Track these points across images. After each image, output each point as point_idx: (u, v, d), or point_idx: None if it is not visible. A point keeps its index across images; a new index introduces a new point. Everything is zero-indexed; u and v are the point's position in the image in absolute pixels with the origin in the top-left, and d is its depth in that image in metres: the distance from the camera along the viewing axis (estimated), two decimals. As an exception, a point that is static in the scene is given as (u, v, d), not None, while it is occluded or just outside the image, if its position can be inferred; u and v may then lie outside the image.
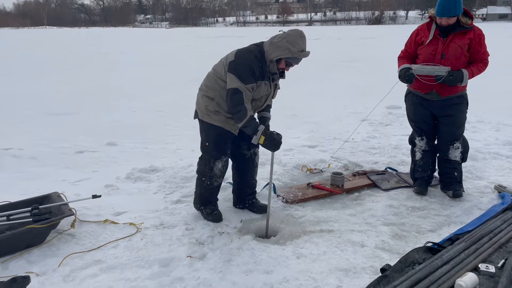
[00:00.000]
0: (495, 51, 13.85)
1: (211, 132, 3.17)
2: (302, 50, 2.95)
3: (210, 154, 3.22)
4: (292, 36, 2.94)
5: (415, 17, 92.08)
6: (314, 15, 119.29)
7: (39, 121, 6.96)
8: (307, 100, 8.70)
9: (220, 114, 3.11)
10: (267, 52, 2.99)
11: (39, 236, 2.87)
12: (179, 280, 2.51)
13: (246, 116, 2.92)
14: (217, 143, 3.20)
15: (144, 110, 7.86)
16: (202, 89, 3.21)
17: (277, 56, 2.95)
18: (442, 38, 3.45)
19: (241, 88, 2.90)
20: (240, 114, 2.92)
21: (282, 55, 2.94)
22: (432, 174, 3.90)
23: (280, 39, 2.95)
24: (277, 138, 2.98)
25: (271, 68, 3.04)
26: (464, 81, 3.39)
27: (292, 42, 2.92)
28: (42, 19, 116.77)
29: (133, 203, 3.60)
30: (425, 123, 3.75)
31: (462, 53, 3.41)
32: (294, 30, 2.98)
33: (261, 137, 2.95)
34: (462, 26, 3.40)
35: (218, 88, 3.08)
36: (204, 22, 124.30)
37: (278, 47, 2.93)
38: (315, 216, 3.38)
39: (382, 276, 2.31)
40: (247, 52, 3.01)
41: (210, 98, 3.12)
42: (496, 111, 7.11)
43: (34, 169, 4.63)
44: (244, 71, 2.92)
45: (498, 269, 2.40)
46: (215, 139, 3.18)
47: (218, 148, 3.21)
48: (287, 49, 2.91)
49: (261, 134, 2.95)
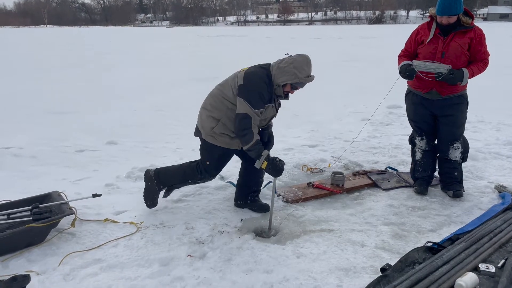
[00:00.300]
0: (496, 51, 13.85)
1: (214, 153, 3.24)
2: (308, 75, 3.05)
3: (209, 172, 3.30)
4: (299, 62, 3.03)
5: (416, 16, 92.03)
6: (314, 15, 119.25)
7: (39, 119, 6.96)
8: (308, 100, 8.68)
9: (225, 136, 3.17)
10: (275, 76, 3.07)
11: (39, 235, 2.87)
12: (179, 279, 2.52)
13: (252, 141, 3.00)
14: (218, 163, 3.29)
15: (145, 109, 7.86)
16: (207, 109, 3.23)
17: (284, 81, 3.05)
18: (442, 37, 3.44)
19: (250, 113, 2.98)
20: (247, 137, 3.00)
21: (289, 80, 3.03)
22: (432, 174, 3.89)
23: (287, 64, 3.03)
24: (279, 164, 3.03)
25: (277, 91, 3.13)
26: (464, 80, 3.38)
27: (298, 67, 3.01)
28: (43, 18, 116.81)
29: (134, 202, 3.60)
30: (425, 123, 3.75)
31: (462, 52, 3.40)
32: (301, 56, 3.07)
33: (264, 162, 3.01)
34: (463, 25, 3.39)
35: (224, 109, 3.13)
36: (204, 21, 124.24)
37: (286, 72, 3.02)
38: (315, 216, 3.38)
39: (382, 275, 2.31)
40: (256, 77, 3.07)
41: (215, 119, 3.16)
42: (497, 111, 7.10)
43: (35, 168, 4.63)
44: (254, 97, 3.00)
45: (498, 269, 2.40)
46: (217, 159, 3.26)
47: (218, 167, 3.32)
48: (294, 75, 3.01)
49: (264, 159, 3.00)
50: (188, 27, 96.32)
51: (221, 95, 3.17)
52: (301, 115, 7.29)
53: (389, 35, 34.39)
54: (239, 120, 3.00)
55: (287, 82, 3.05)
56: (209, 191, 3.85)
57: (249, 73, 3.09)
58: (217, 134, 3.17)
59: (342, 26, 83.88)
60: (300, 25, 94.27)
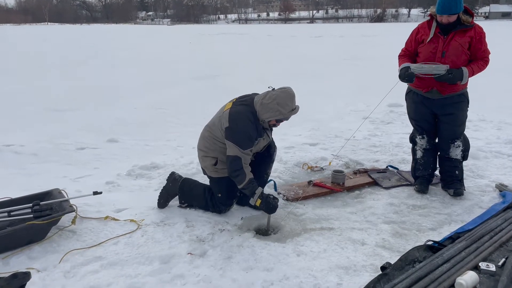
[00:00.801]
0: (498, 50, 13.83)
1: (222, 183, 3.31)
2: (292, 109, 3.09)
3: (224, 203, 3.36)
4: (282, 98, 3.05)
5: (417, 15, 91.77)
6: (316, 13, 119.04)
7: (40, 117, 6.96)
8: (309, 98, 8.67)
9: None
10: (259, 112, 3.12)
11: (40, 232, 2.88)
12: (179, 277, 2.52)
13: (245, 180, 3.06)
14: (229, 191, 3.33)
15: (145, 107, 7.86)
16: (202, 150, 3.34)
17: (268, 118, 3.10)
18: (442, 36, 3.42)
19: (240, 155, 3.04)
20: (239, 178, 3.07)
21: (273, 116, 3.08)
22: (433, 173, 3.89)
23: (271, 101, 3.04)
24: (273, 202, 3.10)
25: (264, 125, 3.22)
26: (464, 79, 3.37)
27: (282, 104, 3.04)
28: (44, 15, 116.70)
29: (134, 200, 3.60)
30: (426, 122, 3.74)
31: (463, 51, 3.38)
32: (284, 91, 3.07)
33: (258, 200, 3.07)
34: (463, 24, 3.38)
35: (218, 149, 3.23)
36: (205, 19, 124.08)
37: (269, 109, 3.06)
38: (316, 214, 3.38)
39: (382, 274, 2.31)
40: (241, 117, 3.09)
41: (212, 157, 3.27)
42: (498, 109, 7.09)
43: (35, 166, 4.64)
44: (241, 138, 3.05)
45: (499, 267, 2.40)
46: (226, 189, 3.31)
47: (230, 197, 3.37)
48: (277, 111, 3.05)
49: (258, 197, 3.07)
50: (189, 25, 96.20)
51: (212, 137, 3.25)
52: (302, 114, 7.19)
53: (390, 34, 34.32)
54: (230, 163, 3.07)
55: (271, 118, 3.10)
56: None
57: (233, 114, 3.10)
58: (219, 169, 3.27)
59: (344, 24, 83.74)
60: (301, 23, 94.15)
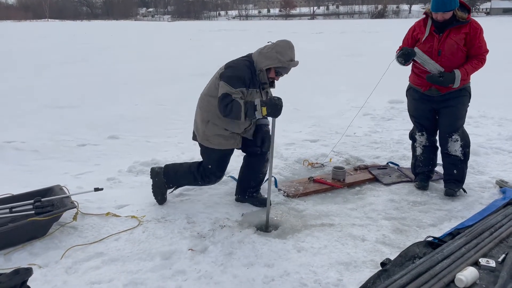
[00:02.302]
0: (499, 46, 13.77)
1: (212, 156, 3.28)
2: (291, 59, 3.04)
3: (214, 174, 3.34)
4: (281, 46, 3.04)
5: (418, 11, 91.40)
6: (316, 9, 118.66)
7: (41, 114, 6.97)
8: (309, 94, 8.68)
9: (219, 137, 3.21)
10: (257, 62, 3.08)
11: (42, 229, 2.89)
12: (180, 273, 2.53)
13: (241, 108, 2.91)
14: (219, 164, 3.32)
15: (146, 104, 7.86)
16: (197, 113, 3.32)
17: (267, 66, 3.04)
18: (437, 35, 3.38)
19: (230, 92, 2.96)
20: (234, 111, 2.92)
21: (272, 64, 3.03)
22: (433, 169, 3.89)
23: (269, 50, 3.04)
24: (278, 102, 2.91)
25: (261, 78, 3.13)
26: (456, 82, 3.33)
27: (281, 52, 3.01)
28: (44, 12, 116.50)
29: (135, 196, 3.61)
30: (425, 119, 3.72)
31: (459, 49, 3.34)
32: (283, 41, 3.08)
33: (262, 108, 2.90)
34: (458, 20, 3.32)
35: (212, 108, 3.15)
36: (206, 15, 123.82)
37: (268, 57, 3.03)
38: (316, 210, 3.39)
39: (383, 270, 2.32)
40: (237, 62, 3.12)
41: (204, 121, 3.21)
42: (499, 106, 7.08)
43: (36, 162, 4.65)
44: (233, 77, 3.01)
45: (499, 263, 2.40)
46: (217, 161, 3.30)
47: (220, 169, 3.35)
48: (276, 59, 3.01)
49: (261, 106, 2.91)
50: (190, 21, 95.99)
51: (207, 94, 3.21)
52: (303, 110, 7.27)
53: (391, 30, 34.21)
54: (220, 101, 2.96)
55: (269, 66, 3.04)
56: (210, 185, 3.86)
57: (230, 62, 3.15)
58: (211, 137, 3.21)
59: (345, 20, 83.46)
60: (302, 20, 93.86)
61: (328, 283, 2.43)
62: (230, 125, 3.18)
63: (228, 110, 2.94)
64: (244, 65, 3.07)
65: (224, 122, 3.16)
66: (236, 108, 2.91)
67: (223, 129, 3.19)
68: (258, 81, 3.14)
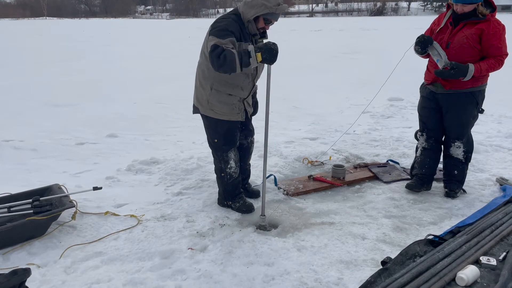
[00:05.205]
0: (498, 43, 13.65)
1: (219, 129, 3.14)
2: (278, 3, 2.88)
3: (221, 149, 3.21)
4: None
5: (417, 8, 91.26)
6: (315, 6, 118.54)
7: (39, 112, 6.94)
8: (309, 92, 8.66)
9: (224, 105, 3.05)
10: (243, 13, 2.93)
11: (40, 228, 2.88)
12: (180, 272, 2.52)
13: (234, 54, 2.66)
14: (227, 137, 3.18)
15: (145, 102, 7.83)
16: (196, 85, 3.19)
17: (253, 15, 2.89)
18: (451, 27, 3.31)
19: (218, 42, 2.73)
20: (228, 58, 2.65)
21: (259, 12, 2.88)
22: (428, 173, 3.73)
23: None
24: (273, 47, 2.69)
25: (250, 30, 2.97)
26: (468, 75, 3.19)
27: None
28: (42, 10, 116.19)
29: (134, 195, 3.60)
30: (429, 118, 3.63)
31: (468, 44, 3.22)
32: None
33: (257, 55, 2.69)
34: (477, 16, 3.21)
35: (211, 74, 2.99)
36: (205, 13, 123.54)
37: (253, 5, 2.87)
38: (316, 209, 3.38)
39: (383, 268, 2.31)
40: (223, 17, 2.97)
41: (207, 89, 3.05)
42: (499, 103, 7.06)
43: (35, 161, 4.63)
44: (220, 30, 2.83)
45: (500, 262, 2.39)
46: (224, 134, 3.16)
47: (228, 142, 3.19)
48: (262, 5, 2.85)
49: (256, 53, 2.69)
50: (188, 19, 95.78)
51: (203, 63, 3.06)
52: (302, 108, 7.26)
53: (390, 27, 34.16)
54: (211, 53, 2.73)
55: (257, 14, 2.87)
56: (209, 184, 3.85)
57: (215, 20, 3.01)
58: (215, 105, 3.05)
59: (343, 18, 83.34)
60: (301, 17, 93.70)
61: (329, 282, 2.42)
62: (234, 90, 3.04)
63: (221, 61, 2.67)
64: (230, 18, 2.90)
65: (227, 87, 3.01)
66: (230, 56, 2.65)
67: (227, 95, 3.03)
68: (249, 33, 2.98)
